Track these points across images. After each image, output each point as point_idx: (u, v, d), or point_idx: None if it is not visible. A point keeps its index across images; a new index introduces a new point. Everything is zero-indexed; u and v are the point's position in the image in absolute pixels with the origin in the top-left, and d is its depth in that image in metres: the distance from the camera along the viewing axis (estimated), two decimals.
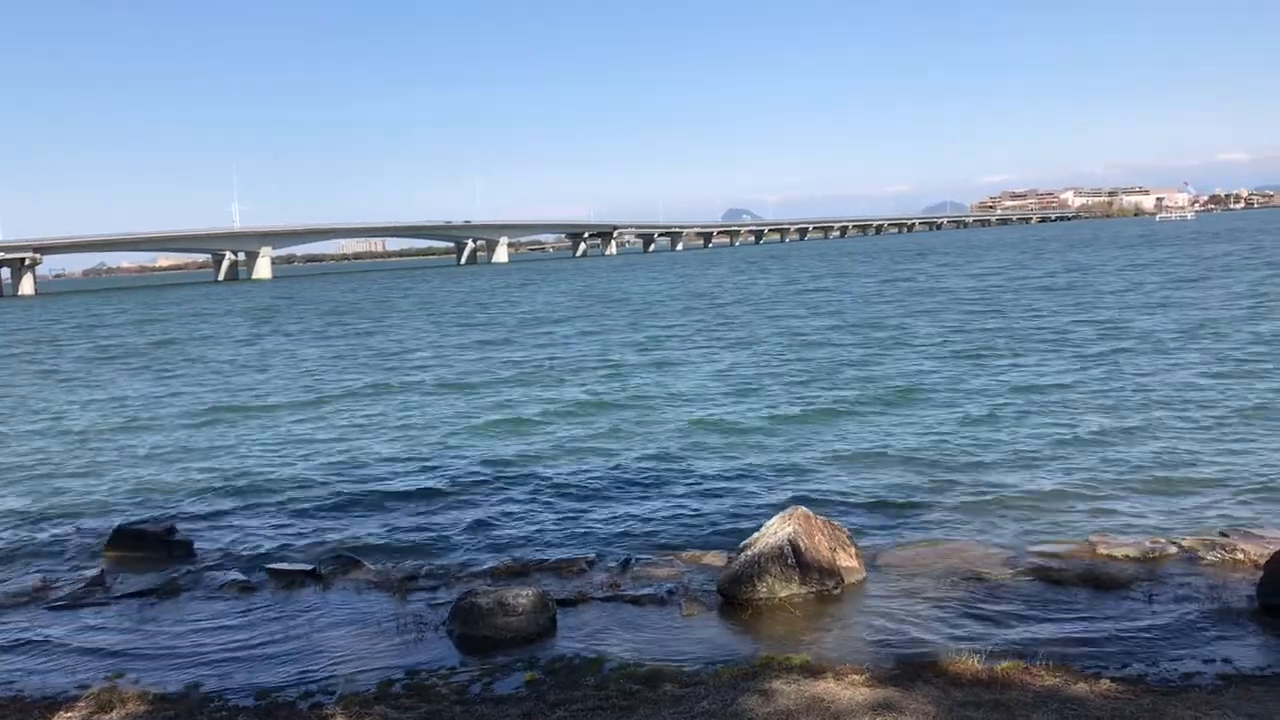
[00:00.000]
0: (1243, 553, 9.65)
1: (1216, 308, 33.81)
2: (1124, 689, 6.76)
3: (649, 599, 9.51)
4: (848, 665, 7.43)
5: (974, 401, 19.22)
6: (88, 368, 36.38)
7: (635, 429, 18.47)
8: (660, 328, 39.72)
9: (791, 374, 24.31)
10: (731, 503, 13.12)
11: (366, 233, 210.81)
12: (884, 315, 39.03)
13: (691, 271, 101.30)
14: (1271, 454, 13.96)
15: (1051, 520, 11.52)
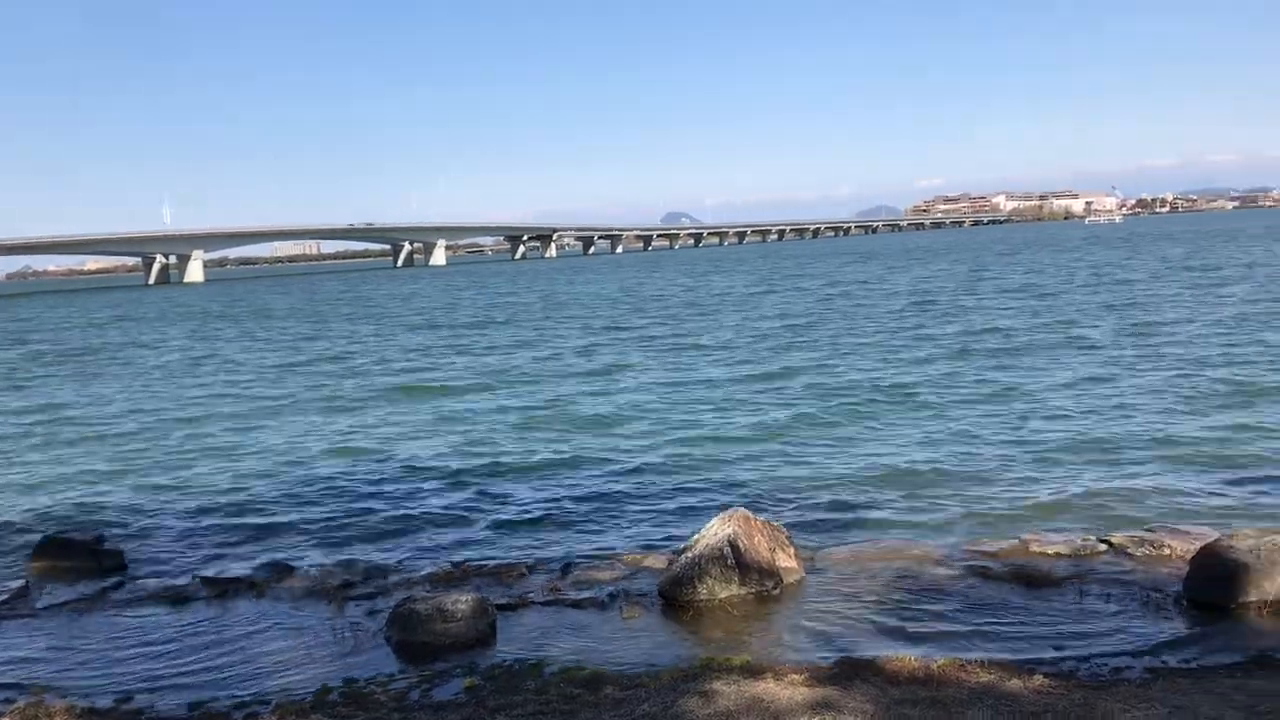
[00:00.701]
0: (1170, 549, 9.88)
1: (1154, 310, 34.60)
2: (1056, 684, 6.88)
3: (590, 602, 9.49)
4: (787, 665, 7.48)
5: (913, 404, 19.46)
6: (12, 373, 35.48)
7: (577, 432, 18.45)
8: (606, 330, 39.71)
9: (736, 378, 24.41)
10: (674, 505, 13.14)
11: (301, 235, 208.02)
12: (830, 319, 39.36)
13: (636, 275, 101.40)
14: (1197, 452, 14.30)
15: (986, 520, 11.70)
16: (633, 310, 50.03)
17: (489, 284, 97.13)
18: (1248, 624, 8.08)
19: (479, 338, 39.87)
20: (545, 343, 36.08)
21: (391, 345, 38.73)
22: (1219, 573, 8.52)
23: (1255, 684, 6.75)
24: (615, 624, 8.94)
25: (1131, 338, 27.18)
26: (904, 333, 32.21)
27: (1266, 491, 12.22)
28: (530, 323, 46.10)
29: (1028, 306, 38.66)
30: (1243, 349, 23.83)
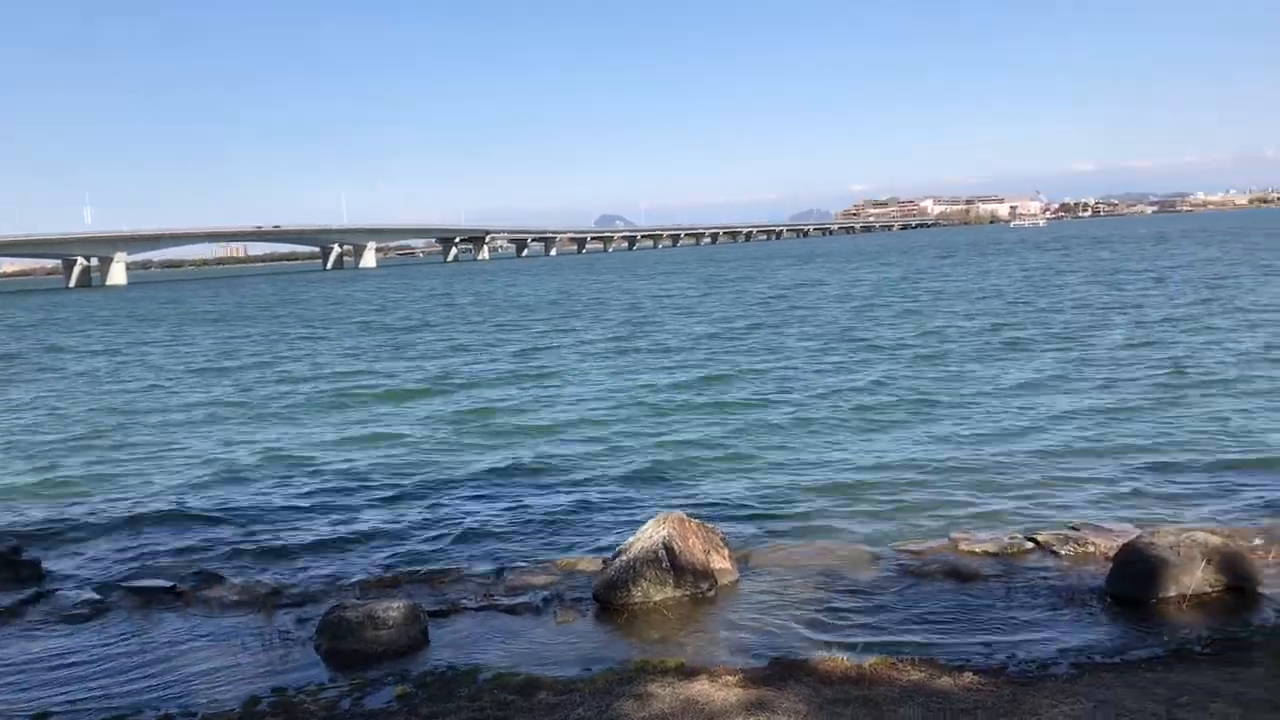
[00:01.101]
0: (1093, 546, 10.10)
1: (1086, 313, 35.36)
2: (986, 681, 6.99)
3: (524, 607, 9.43)
4: (722, 666, 7.50)
5: (846, 407, 19.66)
6: None
7: (512, 437, 18.34)
8: (544, 334, 39.57)
9: (673, 382, 24.46)
10: (608, 509, 13.12)
11: (228, 237, 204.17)
12: (768, 322, 39.62)
13: (573, 277, 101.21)
14: (1119, 450, 14.64)
15: (917, 519, 11.85)
16: (571, 313, 49.92)
17: (422, 287, 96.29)
18: (1168, 618, 8.29)
19: (414, 342, 39.49)
20: (481, 347, 35.85)
21: (323, 350, 38.22)
22: (1140, 569, 8.73)
23: (1175, 677, 6.92)
24: (550, 629, 8.89)
25: (1063, 339, 27.76)
26: (840, 337, 32.55)
27: (1187, 489, 12.55)
28: (466, 327, 45.78)
29: (964, 309, 39.32)
30: (1170, 351, 24.45)
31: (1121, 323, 31.03)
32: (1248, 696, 6.45)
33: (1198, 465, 13.61)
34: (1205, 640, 7.65)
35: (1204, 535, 9.06)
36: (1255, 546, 9.74)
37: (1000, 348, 26.78)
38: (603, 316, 46.78)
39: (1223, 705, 6.33)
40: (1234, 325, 28.55)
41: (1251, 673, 6.89)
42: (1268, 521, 10.89)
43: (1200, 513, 11.45)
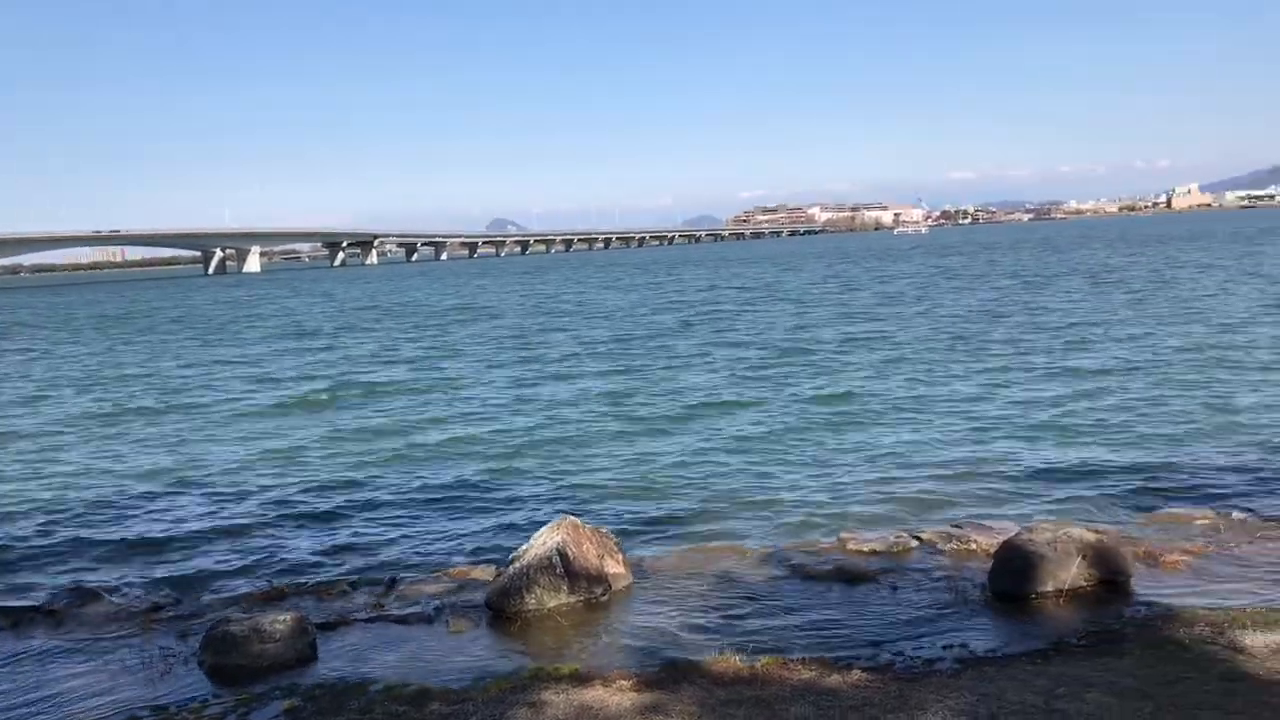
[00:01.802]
0: (975, 543, 10.40)
1: (975, 316, 36.38)
2: (873, 678, 7.14)
3: (415, 617, 9.30)
4: (616, 671, 7.51)
5: (739, 411, 19.89)
6: None
7: (404, 446, 18.06)
8: (438, 340, 39.09)
9: (569, 388, 24.43)
10: (502, 516, 13.03)
11: (105, 240, 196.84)
12: (664, 328, 39.81)
13: (468, 282, 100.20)
14: (999, 449, 15.12)
15: (808, 520, 12.05)
16: (468, 320, 49.40)
17: (310, 291, 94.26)
18: (1046, 613, 8.58)
19: (302, 348, 38.64)
20: (375, 353, 35.25)
21: (204, 357, 37.12)
22: (1019, 566, 9.02)
23: (1054, 669, 7.17)
24: (442, 638, 8.79)
25: (955, 341, 28.55)
26: (734, 340, 32.91)
27: (1064, 487, 13.01)
28: (360, 334, 44.96)
29: (858, 312, 40.16)
30: (1057, 354, 25.33)
31: (1010, 325, 32.07)
32: (1121, 686, 6.72)
33: (1076, 463, 14.11)
34: (1081, 633, 7.94)
35: (1079, 531, 9.40)
36: (1127, 541, 10.14)
37: (891, 349, 27.44)
38: (501, 322, 46.46)
39: (1098, 695, 6.59)
40: (1122, 326, 29.73)
41: (1124, 663, 7.17)
42: (1139, 517, 11.37)
43: (1077, 509, 11.87)
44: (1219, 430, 15.57)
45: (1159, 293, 41.30)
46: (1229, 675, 6.79)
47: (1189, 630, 7.72)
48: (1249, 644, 7.34)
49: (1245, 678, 6.74)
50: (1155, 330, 28.56)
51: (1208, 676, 6.79)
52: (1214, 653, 7.23)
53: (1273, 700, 6.33)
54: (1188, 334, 27.26)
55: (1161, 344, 25.60)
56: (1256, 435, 15.08)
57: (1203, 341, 25.54)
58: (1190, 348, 24.57)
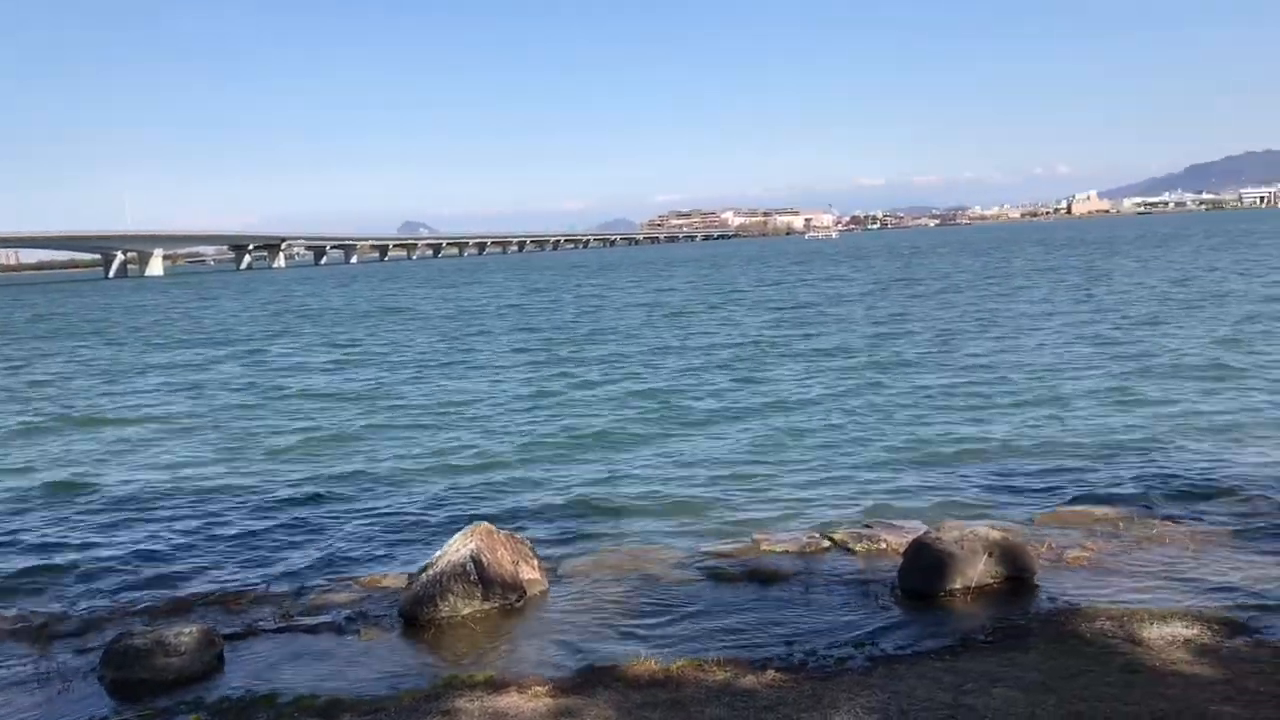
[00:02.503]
0: (886, 543, 10.58)
1: (886, 321, 36.99)
2: (787, 678, 7.21)
3: (326, 627, 9.14)
4: (531, 677, 7.47)
5: (654, 414, 19.94)
6: None
7: (317, 454, 17.73)
8: (350, 346, 38.46)
9: (484, 393, 24.25)
10: (416, 524, 12.86)
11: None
12: (582, 332, 39.75)
13: (382, 286, 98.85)
14: (908, 450, 15.40)
15: (721, 522, 12.12)
16: (385, 324, 48.67)
17: (216, 296, 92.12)
18: (954, 610, 8.76)
19: (211, 355, 37.74)
20: (290, 360, 34.56)
21: (108, 366, 36.04)
22: (928, 564, 9.20)
23: (962, 665, 7.33)
24: (354, 648, 8.65)
25: (865, 344, 29.00)
26: (648, 346, 32.99)
27: (970, 486, 13.29)
28: (271, 338, 44.05)
29: (774, 318, 40.57)
30: (967, 355, 25.89)
31: (917, 328, 32.71)
32: (1026, 680, 6.89)
33: (982, 462, 14.43)
34: (988, 629, 8.12)
35: (985, 530, 9.63)
36: (1031, 539, 10.41)
37: (806, 352, 27.80)
38: (420, 326, 45.91)
39: (1004, 690, 6.74)
40: (1032, 330, 30.51)
41: (1028, 658, 7.36)
42: (1043, 515, 11.67)
43: (983, 508, 12.14)
44: (1118, 429, 16.06)
45: (1072, 294, 42.52)
46: (1128, 668, 7.01)
47: (1090, 625, 7.95)
48: (1147, 637, 7.59)
49: (1143, 670, 6.97)
50: (1064, 331, 29.40)
51: (1108, 669, 7.00)
52: (1114, 646, 7.46)
53: (1169, 691, 6.55)
54: (1095, 335, 28.09)
55: (1069, 345, 26.35)
56: (1155, 434, 15.58)
57: (1108, 342, 26.36)
58: (1096, 348, 25.33)
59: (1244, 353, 23.34)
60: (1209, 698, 6.42)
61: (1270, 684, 6.57)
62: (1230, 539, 10.34)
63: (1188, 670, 6.94)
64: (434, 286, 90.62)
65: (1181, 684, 6.67)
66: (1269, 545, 10.10)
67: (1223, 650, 7.32)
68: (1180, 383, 19.93)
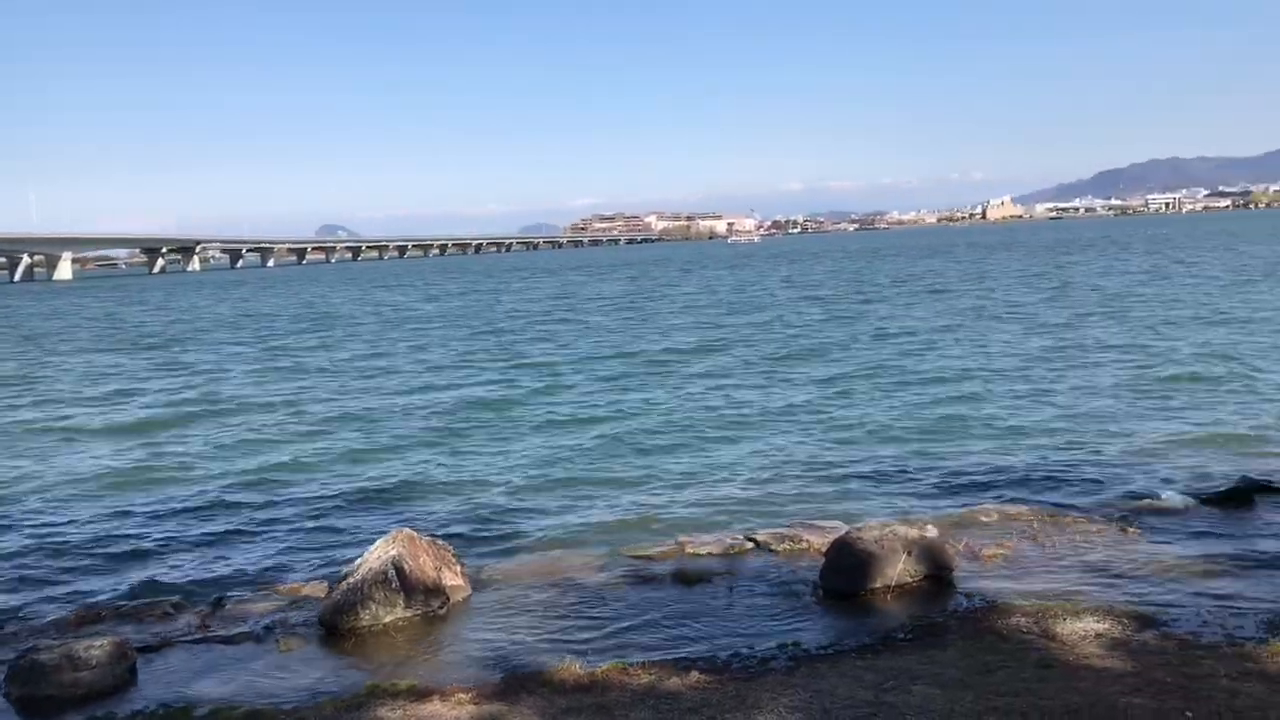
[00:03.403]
0: (808, 543, 10.70)
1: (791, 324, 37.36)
2: (712, 679, 7.25)
3: (244, 637, 8.97)
4: (454, 685, 7.40)
5: (576, 420, 19.91)
6: None
7: (234, 461, 17.36)
8: (274, 351, 37.73)
9: (405, 399, 23.99)
10: (338, 530, 12.69)
11: None
12: (510, 337, 39.51)
13: (305, 290, 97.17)
14: (828, 452, 15.60)
15: (645, 525, 12.14)
16: (308, 330, 47.75)
17: (130, 300, 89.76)
18: (875, 608, 8.89)
19: (123, 362, 36.76)
20: (207, 368, 33.80)
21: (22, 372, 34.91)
22: (849, 563, 9.32)
23: (882, 663, 7.43)
24: (273, 658, 8.49)
25: (786, 347, 29.29)
26: (571, 350, 32.95)
27: (891, 486, 13.51)
28: (189, 343, 43.01)
29: (706, 321, 40.78)
30: (884, 358, 26.28)
31: (839, 331, 33.15)
32: (944, 677, 7.01)
33: (901, 463, 14.68)
34: (908, 627, 8.26)
35: (905, 529, 9.78)
36: (949, 537, 10.60)
37: (720, 356, 28.01)
38: (344, 333, 45.19)
39: (923, 687, 6.85)
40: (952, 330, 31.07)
41: (947, 654, 7.49)
42: (961, 514, 11.90)
43: (903, 507, 12.34)
44: (1034, 430, 16.44)
45: (993, 297, 43.43)
46: (1043, 663, 7.18)
47: (1006, 621, 8.12)
48: (1061, 632, 7.78)
49: (1057, 664, 7.14)
50: (985, 334, 30.02)
51: (1024, 665, 7.16)
52: (1030, 642, 7.63)
53: (1082, 685, 6.72)
54: (1012, 338, 28.74)
55: (988, 348, 26.91)
56: (1070, 433, 15.99)
57: (1026, 344, 26.98)
58: (1013, 351, 25.91)
59: (1162, 357, 24.06)
60: (1120, 690, 6.60)
61: (1177, 675, 6.78)
62: (1140, 535, 10.65)
63: (1100, 664, 7.12)
64: (358, 288, 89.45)
65: (1094, 677, 6.85)
66: (1176, 540, 10.43)
67: (1133, 643, 7.53)
68: (1097, 384, 20.48)
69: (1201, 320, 30.58)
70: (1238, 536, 10.49)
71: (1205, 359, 22.79)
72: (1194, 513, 11.44)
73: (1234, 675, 6.73)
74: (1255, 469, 12.93)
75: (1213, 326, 28.94)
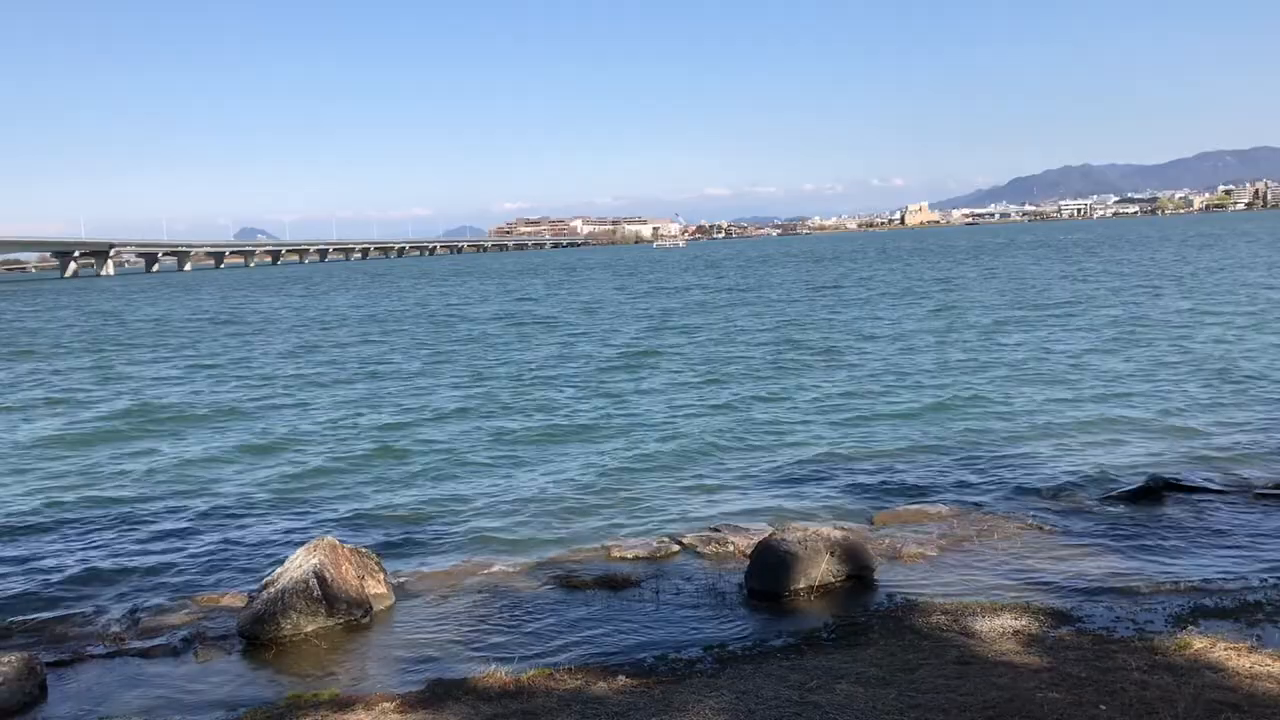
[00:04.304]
0: (733, 545, 10.78)
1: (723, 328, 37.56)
2: (638, 683, 7.25)
3: (161, 650, 8.76)
4: (378, 694, 7.32)
5: (494, 428, 19.80)
6: None
7: (149, 470, 16.94)
8: (190, 359, 36.89)
9: (326, 406, 23.64)
10: (258, 540, 12.46)
11: None
12: (429, 342, 39.14)
13: (227, 295, 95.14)
14: (753, 454, 15.72)
15: (572, 530, 12.14)
16: (229, 336, 46.72)
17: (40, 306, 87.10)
18: (799, 608, 8.99)
19: (35, 370, 35.65)
20: (123, 377, 32.93)
21: None
22: (773, 564, 9.41)
23: (806, 663, 7.51)
24: (190, 670, 8.31)
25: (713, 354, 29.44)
26: (489, 356, 32.80)
27: (815, 488, 13.67)
28: (106, 351, 41.84)
29: (659, 326, 40.80)
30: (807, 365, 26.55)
31: (764, 336, 33.43)
32: (867, 675, 7.11)
33: (826, 464, 14.87)
34: (831, 626, 8.36)
35: (828, 530, 9.91)
36: (871, 537, 10.76)
37: (639, 362, 28.08)
38: (265, 340, 44.32)
39: (846, 685, 6.94)
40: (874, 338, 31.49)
41: (869, 653, 7.60)
42: (882, 514, 12.08)
43: (826, 508, 12.50)
44: (954, 431, 16.76)
45: (921, 303, 44.13)
46: (962, 659, 7.31)
47: (926, 619, 8.26)
48: (979, 629, 7.94)
49: (976, 661, 7.27)
50: (908, 338, 30.51)
51: (944, 661, 7.29)
52: (949, 639, 7.77)
53: (999, 680, 6.86)
54: (938, 343, 29.25)
55: (909, 352, 27.35)
56: (988, 435, 16.33)
57: (946, 353, 27.47)
58: (935, 354, 26.38)
59: (1074, 360, 24.67)
60: (1036, 685, 6.75)
61: (1092, 670, 6.95)
62: (1055, 533, 10.93)
63: (1017, 660, 7.28)
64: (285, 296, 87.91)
65: (1011, 673, 7.00)
66: (1089, 539, 10.72)
67: (1049, 639, 7.71)
68: (1014, 386, 20.93)
69: (1121, 325, 31.43)
70: (1147, 533, 10.82)
71: (1119, 360, 23.46)
72: (1106, 510, 11.78)
73: (1144, 668, 6.93)
74: (1165, 467, 13.36)
75: (1129, 330, 29.78)
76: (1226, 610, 8.38)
